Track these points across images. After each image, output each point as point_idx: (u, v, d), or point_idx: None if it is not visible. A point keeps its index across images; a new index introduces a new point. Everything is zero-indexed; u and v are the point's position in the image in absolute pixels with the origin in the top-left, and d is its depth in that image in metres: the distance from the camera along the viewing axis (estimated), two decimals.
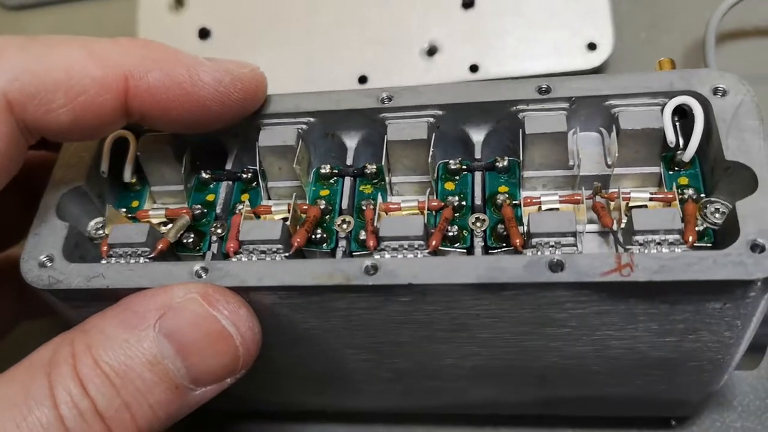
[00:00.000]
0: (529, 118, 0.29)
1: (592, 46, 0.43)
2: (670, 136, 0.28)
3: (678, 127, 0.29)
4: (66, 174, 0.31)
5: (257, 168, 0.31)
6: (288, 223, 0.29)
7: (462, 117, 0.31)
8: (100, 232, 0.32)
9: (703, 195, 0.28)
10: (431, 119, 0.31)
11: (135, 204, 0.33)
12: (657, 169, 0.29)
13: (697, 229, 0.27)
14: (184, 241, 0.31)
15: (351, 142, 0.32)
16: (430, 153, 0.30)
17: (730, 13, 0.41)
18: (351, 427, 0.39)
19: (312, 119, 0.32)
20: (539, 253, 0.27)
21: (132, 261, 0.29)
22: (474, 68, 0.44)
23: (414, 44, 0.45)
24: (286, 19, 0.47)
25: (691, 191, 0.28)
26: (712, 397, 0.36)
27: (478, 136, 0.31)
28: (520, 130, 0.29)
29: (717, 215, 0.27)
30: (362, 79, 0.45)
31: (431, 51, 0.44)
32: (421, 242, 0.27)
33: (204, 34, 0.48)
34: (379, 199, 0.30)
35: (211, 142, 0.33)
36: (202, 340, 0.26)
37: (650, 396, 0.33)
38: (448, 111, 0.31)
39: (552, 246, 0.27)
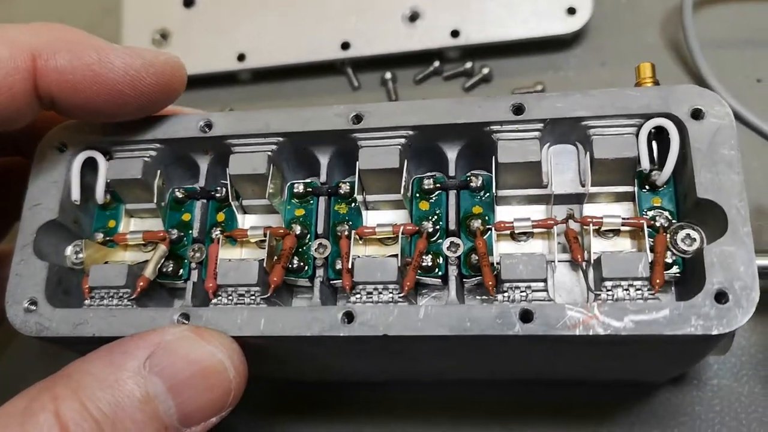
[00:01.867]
0: (501, 144, 0.29)
1: (571, 11, 0.43)
2: (644, 163, 0.29)
3: (655, 145, 0.29)
4: (38, 208, 0.32)
5: (228, 196, 0.32)
6: (264, 262, 0.30)
7: (435, 136, 0.31)
8: (80, 256, 0.33)
9: (674, 221, 0.29)
10: (403, 140, 0.31)
11: (112, 224, 0.34)
12: (631, 188, 0.30)
13: (666, 260, 0.28)
14: (164, 269, 0.32)
15: (323, 158, 0.33)
16: (403, 181, 0.30)
17: None
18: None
19: (281, 139, 0.32)
20: (509, 297, 0.28)
21: (115, 303, 0.31)
22: (455, 33, 0.44)
23: (396, 10, 0.45)
24: None
25: (662, 219, 0.29)
26: None
27: (451, 152, 0.32)
28: (493, 157, 0.30)
29: (687, 242, 0.28)
30: (345, 46, 0.45)
31: (413, 17, 0.44)
32: (396, 285, 0.29)
33: (188, 2, 0.48)
34: (349, 230, 0.31)
35: (182, 157, 0.34)
36: (196, 374, 0.27)
37: (623, 377, 0.36)
38: (420, 131, 0.31)
39: (523, 291, 0.28)
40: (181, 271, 0.33)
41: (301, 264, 0.31)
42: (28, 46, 0.29)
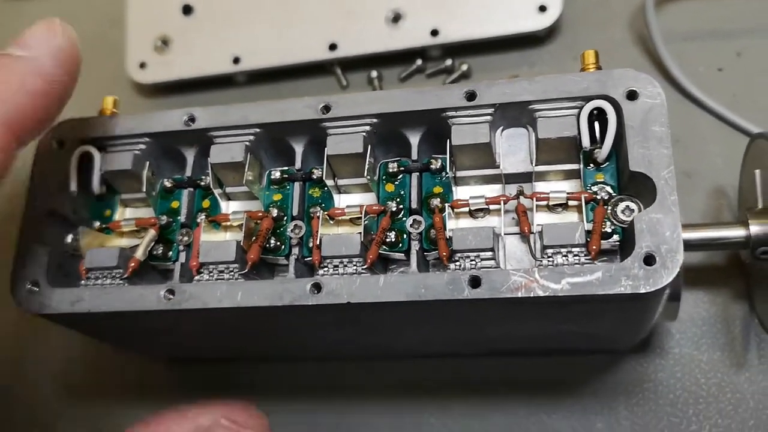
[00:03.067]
0: (455, 128, 0.33)
1: (542, 9, 0.46)
2: (585, 142, 0.32)
3: (597, 126, 0.32)
4: (39, 198, 0.36)
5: (209, 183, 0.35)
6: (242, 241, 0.33)
7: (397, 123, 0.34)
8: (78, 243, 0.36)
9: (614, 194, 0.32)
10: (368, 128, 0.34)
11: (108, 213, 0.38)
12: (577, 165, 0.33)
13: (605, 230, 0.31)
14: (154, 253, 0.36)
15: (298, 146, 0.36)
16: (366, 164, 0.33)
17: None
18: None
19: (258, 130, 0.35)
20: (461, 266, 0.31)
21: (108, 282, 0.35)
22: (435, 33, 0.47)
23: (379, 12, 0.48)
24: None
25: (603, 193, 0.32)
26: (654, 327, 0.41)
27: (414, 138, 0.35)
28: (448, 139, 0.33)
29: (626, 213, 0.31)
30: (332, 47, 0.49)
31: (395, 18, 0.47)
32: (359, 258, 0.32)
33: (187, 10, 0.52)
34: (320, 211, 0.34)
35: (170, 151, 0.37)
36: None
37: (583, 346, 0.39)
38: (383, 119, 0.34)
39: (472, 260, 0.31)
40: (170, 253, 0.36)
41: (278, 244, 0.35)
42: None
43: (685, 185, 0.43)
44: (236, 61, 0.50)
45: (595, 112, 0.32)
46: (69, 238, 0.37)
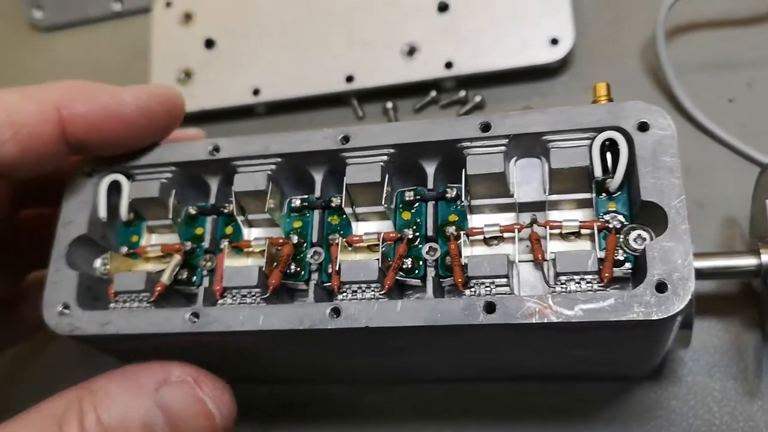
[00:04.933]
0: (470, 158, 0.34)
1: (554, 41, 0.47)
2: (597, 171, 0.33)
3: (608, 156, 0.33)
4: (70, 225, 0.37)
5: (233, 210, 0.37)
6: (264, 266, 0.34)
7: (413, 153, 0.35)
8: (107, 267, 0.38)
9: (626, 223, 0.33)
10: (385, 158, 0.35)
11: (135, 239, 0.39)
12: (589, 195, 0.34)
13: (617, 258, 0.32)
14: (179, 277, 0.37)
15: (317, 175, 0.37)
16: (384, 193, 0.34)
17: (684, 7, 0.45)
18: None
19: (280, 159, 0.36)
20: (476, 293, 0.32)
21: (135, 305, 0.36)
22: (449, 65, 0.48)
23: (395, 45, 0.50)
24: (281, 27, 0.53)
25: (615, 222, 0.33)
26: (667, 355, 0.42)
27: (430, 167, 0.36)
28: (463, 169, 0.34)
29: (638, 242, 0.32)
30: (349, 79, 0.50)
31: (411, 51, 0.49)
32: (377, 284, 0.33)
33: (209, 44, 0.54)
34: (339, 238, 0.35)
35: (195, 179, 0.38)
36: (190, 417, 0.32)
37: (596, 372, 0.40)
38: (399, 149, 0.35)
39: (487, 286, 0.32)
40: (194, 278, 0.37)
41: (298, 269, 0.36)
42: (51, 101, 0.35)
43: (697, 215, 0.44)
44: (256, 92, 0.52)
45: (607, 142, 0.33)
46: (98, 263, 0.38)
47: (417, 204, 0.36)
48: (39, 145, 0.34)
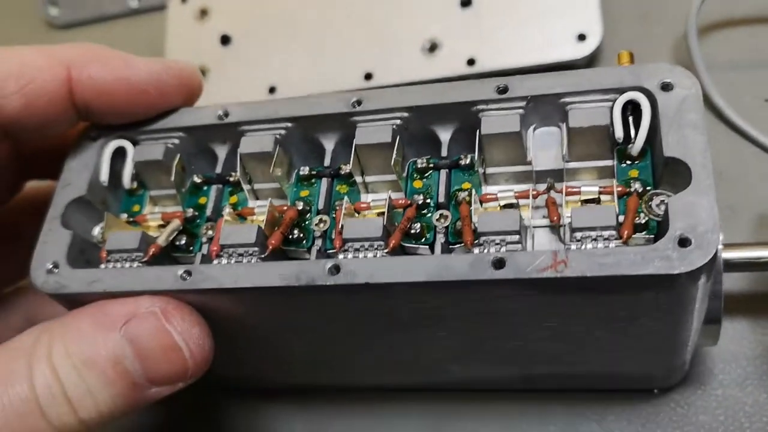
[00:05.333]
0: (484, 118, 0.33)
1: (581, 37, 0.46)
2: (618, 132, 0.31)
3: (631, 121, 0.32)
4: (69, 187, 0.37)
5: (238, 174, 0.36)
6: (263, 226, 0.33)
7: (428, 118, 0.35)
8: (103, 230, 0.37)
9: (650, 188, 0.31)
10: (398, 122, 0.34)
11: (136, 208, 0.38)
12: (610, 162, 0.33)
13: (638, 221, 0.30)
14: (177, 243, 0.36)
15: (328, 143, 0.37)
16: (394, 154, 0.34)
17: (717, 3, 0.44)
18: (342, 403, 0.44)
19: (290, 124, 0.36)
20: (485, 250, 0.30)
21: (127, 265, 0.35)
22: (471, 62, 0.48)
23: (416, 41, 0.49)
24: (298, 23, 0.53)
25: (638, 184, 0.31)
26: (694, 366, 0.39)
27: (445, 134, 0.35)
28: (477, 130, 0.33)
29: (661, 207, 0.31)
30: (368, 76, 0.50)
31: (432, 47, 0.48)
32: (381, 242, 0.32)
33: (225, 40, 0.55)
34: (346, 200, 0.34)
35: (203, 148, 0.38)
36: (156, 348, 0.31)
37: (621, 372, 0.37)
38: (413, 113, 0.34)
39: (497, 244, 0.30)
40: (193, 246, 0.36)
41: (301, 236, 0.34)
42: (64, 59, 0.35)
43: (729, 219, 0.42)
44: (272, 90, 0.52)
45: (629, 107, 0.32)
46: (96, 230, 0.37)
47: (430, 172, 0.35)
48: (45, 101, 0.34)
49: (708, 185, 0.29)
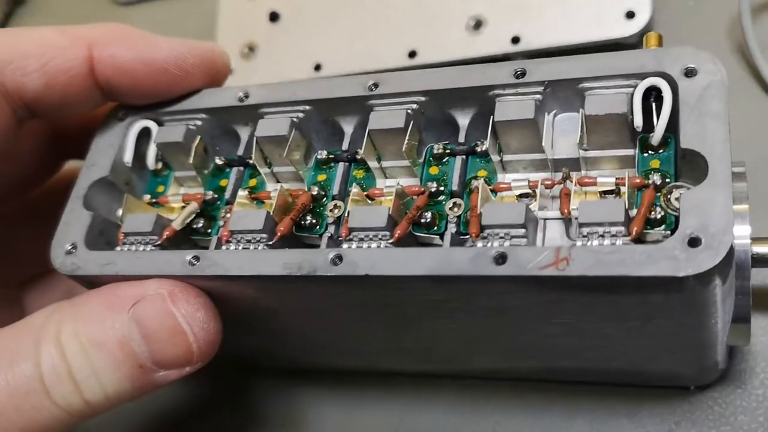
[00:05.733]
0: (499, 104, 0.32)
1: (630, 15, 0.44)
2: (637, 121, 0.30)
3: (654, 108, 0.31)
4: (93, 167, 0.38)
5: (254, 157, 0.36)
6: (273, 211, 0.34)
7: (445, 102, 0.34)
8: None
9: (669, 180, 0.30)
10: (414, 106, 0.34)
11: (160, 189, 0.39)
12: (632, 151, 0.31)
13: (653, 216, 0.29)
14: (195, 226, 0.37)
15: (348, 127, 0.37)
16: (406, 140, 0.33)
17: None
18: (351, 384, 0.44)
19: (308, 107, 0.36)
20: (489, 244, 0.30)
21: (141, 248, 0.36)
22: (516, 40, 0.47)
23: (460, 19, 0.48)
24: (344, 0, 0.53)
25: (657, 176, 0.30)
26: (735, 364, 0.38)
27: (463, 119, 0.34)
28: (491, 116, 0.32)
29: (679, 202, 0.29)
30: (412, 54, 0.49)
31: (477, 25, 0.47)
32: (386, 232, 0.31)
33: (274, 17, 0.55)
34: (355, 187, 0.34)
35: (226, 130, 0.39)
36: (162, 331, 0.32)
37: (646, 369, 0.36)
38: (430, 96, 0.34)
39: (502, 237, 0.30)
40: (210, 229, 0.37)
41: (314, 222, 0.35)
42: (85, 38, 0.36)
43: None
44: (317, 68, 0.52)
45: (653, 94, 0.31)
46: (120, 211, 0.38)
47: (446, 158, 0.34)
48: (65, 80, 0.36)
49: (724, 180, 0.27)
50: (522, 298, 0.30)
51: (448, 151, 0.34)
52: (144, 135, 0.39)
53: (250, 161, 0.38)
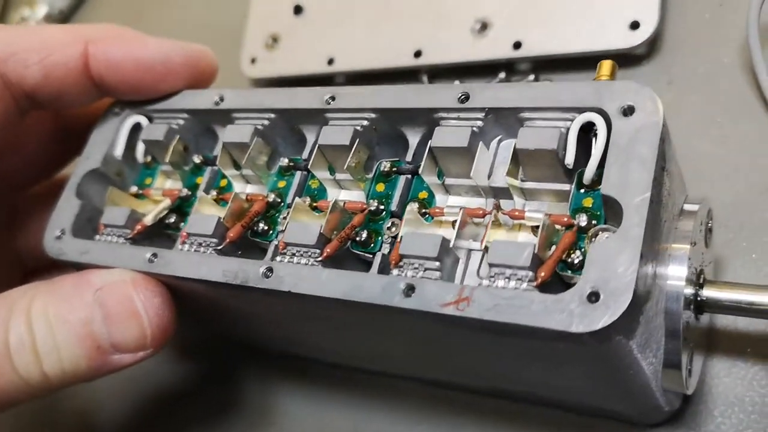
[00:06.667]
0: (437, 129, 0.29)
1: (635, 25, 0.40)
2: (569, 158, 0.27)
3: (594, 144, 0.27)
4: (88, 160, 0.38)
5: (218, 161, 0.35)
6: (225, 216, 0.32)
7: (396, 121, 0.32)
8: None
9: (596, 222, 0.27)
10: (365, 122, 0.32)
11: (148, 181, 0.39)
12: (567, 186, 0.28)
13: (572, 260, 0.26)
14: (167, 221, 0.36)
15: (310, 136, 0.35)
16: (349, 158, 0.31)
17: None
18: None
19: (273, 115, 0.34)
20: (404, 273, 0.28)
21: (116, 240, 0.35)
22: (517, 45, 0.43)
23: (467, 21, 0.45)
24: None
25: (583, 218, 0.27)
26: (695, 403, 0.34)
27: (413, 138, 0.32)
28: (429, 141, 0.30)
29: None
30: (417, 54, 0.47)
31: (482, 27, 0.44)
32: (316, 250, 0.30)
33: (298, 10, 0.53)
34: (297, 200, 0.32)
35: (206, 129, 0.37)
36: (121, 313, 0.32)
37: (584, 404, 0.33)
38: (380, 114, 0.32)
39: (416, 268, 0.27)
40: (182, 224, 0.36)
41: (266, 228, 0.33)
42: (83, 36, 0.36)
43: None
44: (330, 62, 0.49)
45: (594, 128, 0.27)
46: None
47: (393, 176, 0.32)
48: (62, 73, 0.36)
49: (636, 235, 0.24)
50: (432, 330, 0.28)
51: (395, 169, 0.32)
52: (137, 130, 0.38)
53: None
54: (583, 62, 0.42)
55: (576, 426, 0.35)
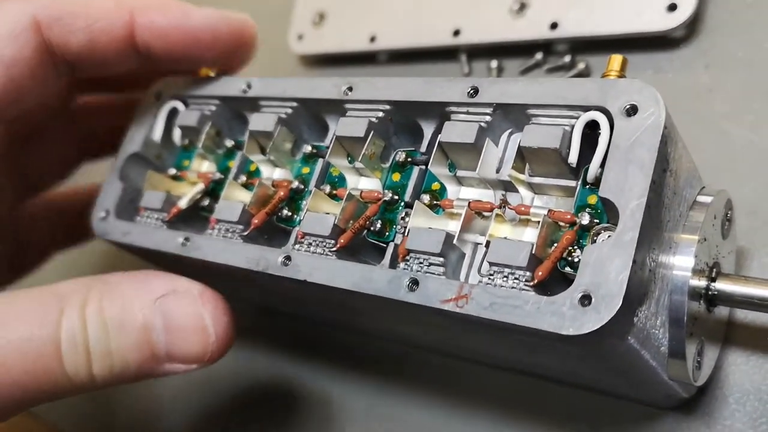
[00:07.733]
0: (447, 124, 0.29)
1: (672, 7, 0.37)
2: (572, 157, 0.26)
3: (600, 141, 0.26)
4: (130, 143, 0.38)
5: (244, 149, 0.35)
6: (250, 203, 0.33)
7: (410, 112, 0.31)
8: None
9: (598, 221, 0.26)
10: (380, 114, 0.31)
11: (186, 163, 0.39)
12: (573, 182, 0.27)
13: (572, 259, 0.25)
14: (201, 204, 0.36)
15: (333, 124, 0.34)
16: (364, 150, 0.31)
17: None
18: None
19: (295, 104, 0.34)
20: (409, 267, 0.27)
21: (153, 222, 0.36)
22: (554, 26, 0.41)
23: (505, 1, 0.43)
24: None
25: (586, 216, 0.26)
26: (713, 388, 0.33)
27: (428, 129, 0.31)
28: (438, 135, 0.29)
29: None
30: (456, 33, 0.45)
31: (521, 7, 0.42)
32: (331, 240, 0.30)
33: None
34: (314, 188, 0.32)
35: (239, 114, 0.37)
36: (186, 327, 0.31)
37: (597, 386, 0.32)
38: (395, 106, 0.31)
39: (421, 263, 0.27)
40: (216, 207, 0.36)
41: (290, 214, 0.33)
42: (128, 5, 0.36)
43: None
44: (372, 39, 0.48)
45: (599, 126, 0.26)
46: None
47: (408, 166, 0.32)
48: (107, 40, 0.36)
49: (629, 239, 0.23)
50: (438, 320, 0.28)
51: (410, 159, 0.31)
52: (175, 114, 0.38)
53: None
54: (619, 44, 0.40)
55: (594, 405, 0.35)
